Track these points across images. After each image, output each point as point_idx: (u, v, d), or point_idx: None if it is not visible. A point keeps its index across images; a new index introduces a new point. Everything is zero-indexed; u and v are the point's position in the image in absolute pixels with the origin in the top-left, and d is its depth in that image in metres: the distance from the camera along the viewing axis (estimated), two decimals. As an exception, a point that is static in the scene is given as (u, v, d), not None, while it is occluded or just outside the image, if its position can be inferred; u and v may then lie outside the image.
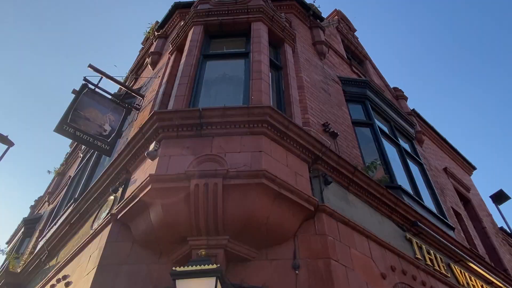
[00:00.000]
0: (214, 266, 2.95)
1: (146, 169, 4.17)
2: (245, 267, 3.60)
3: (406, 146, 7.68)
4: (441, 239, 5.56)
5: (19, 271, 7.04)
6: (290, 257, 3.67)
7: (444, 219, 6.42)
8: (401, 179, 6.20)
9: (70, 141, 14.01)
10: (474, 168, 12.21)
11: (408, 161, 7.09)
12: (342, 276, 3.58)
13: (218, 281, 2.92)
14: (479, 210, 10.09)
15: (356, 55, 10.82)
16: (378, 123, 7.11)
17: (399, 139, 7.51)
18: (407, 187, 6.14)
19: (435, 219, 6.11)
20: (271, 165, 3.94)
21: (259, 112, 4.21)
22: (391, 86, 10.84)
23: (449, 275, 5.36)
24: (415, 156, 7.65)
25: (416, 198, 6.03)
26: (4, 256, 10.39)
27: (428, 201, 6.59)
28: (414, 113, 10.10)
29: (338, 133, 5.60)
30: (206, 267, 2.93)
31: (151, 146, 4.19)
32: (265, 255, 3.71)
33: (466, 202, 9.99)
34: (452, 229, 6.50)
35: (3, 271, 7.37)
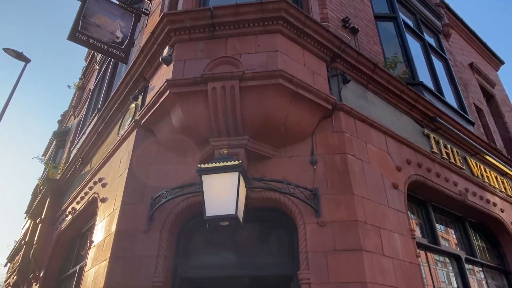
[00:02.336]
0: (237, 162, 3.12)
1: (163, 74, 4.17)
2: (265, 163, 3.80)
3: (431, 40, 7.25)
4: (459, 133, 5.58)
5: (58, 177, 7.71)
6: (308, 153, 3.82)
7: (465, 114, 6.35)
8: (424, 76, 6.00)
9: (84, 55, 13.90)
10: (502, 63, 11.58)
11: (432, 56, 6.76)
12: (358, 169, 3.75)
13: (241, 175, 3.11)
14: (502, 105, 9.87)
15: None
16: (403, 16, 6.62)
17: (424, 33, 7.05)
18: (429, 83, 5.97)
19: (455, 114, 6.06)
20: (287, 64, 3.85)
21: (274, 8, 3.96)
22: (419, -26, 9.78)
23: (464, 168, 5.52)
24: (440, 51, 7.27)
25: (437, 94, 5.90)
26: (43, 166, 11.29)
27: (450, 97, 6.46)
28: (442, 4, 9.26)
29: (359, 29, 5.28)
30: (229, 163, 3.10)
31: (165, 51, 4.12)
32: (284, 152, 3.87)
33: (489, 97, 9.73)
34: (472, 124, 6.48)
35: (45, 179, 8.09)
